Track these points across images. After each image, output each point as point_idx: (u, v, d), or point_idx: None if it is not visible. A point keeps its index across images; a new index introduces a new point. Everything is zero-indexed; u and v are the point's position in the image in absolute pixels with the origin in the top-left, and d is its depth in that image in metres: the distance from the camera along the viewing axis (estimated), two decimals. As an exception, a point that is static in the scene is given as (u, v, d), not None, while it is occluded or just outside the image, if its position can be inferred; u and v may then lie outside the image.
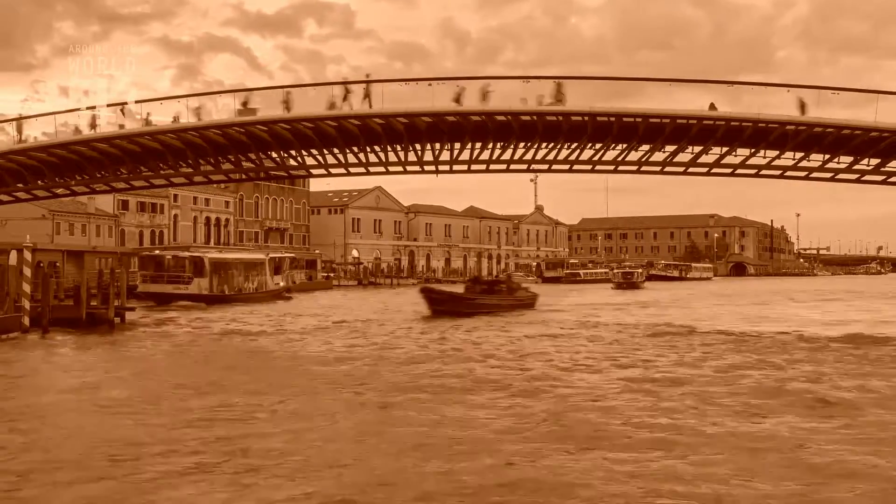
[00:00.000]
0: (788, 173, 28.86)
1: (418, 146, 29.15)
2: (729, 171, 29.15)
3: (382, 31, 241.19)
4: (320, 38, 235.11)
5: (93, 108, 28.00)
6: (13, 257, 25.95)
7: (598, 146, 28.49)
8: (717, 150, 28.15)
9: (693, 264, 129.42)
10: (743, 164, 28.47)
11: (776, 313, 40.35)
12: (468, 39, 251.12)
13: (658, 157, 28.62)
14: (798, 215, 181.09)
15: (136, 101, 27.98)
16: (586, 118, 26.80)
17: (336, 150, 29.48)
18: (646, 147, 28.32)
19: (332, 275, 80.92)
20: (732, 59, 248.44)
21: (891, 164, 28.03)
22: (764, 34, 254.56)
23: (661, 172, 30.04)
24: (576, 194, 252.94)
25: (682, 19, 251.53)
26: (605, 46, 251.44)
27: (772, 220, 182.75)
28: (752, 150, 27.76)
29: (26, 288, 25.73)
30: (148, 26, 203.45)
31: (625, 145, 28.35)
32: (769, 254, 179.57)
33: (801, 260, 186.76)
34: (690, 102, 26.69)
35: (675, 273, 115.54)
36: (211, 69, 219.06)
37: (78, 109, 28.46)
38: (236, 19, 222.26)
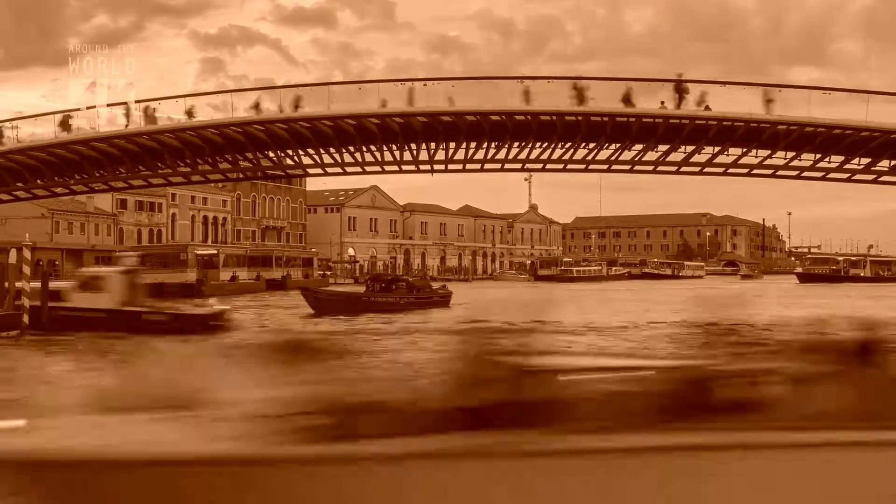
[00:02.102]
0: (780, 172, 29.21)
1: (414, 146, 29.42)
2: (721, 170, 29.49)
3: (423, 23, 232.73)
4: (355, 31, 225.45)
5: (92, 107, 28.21)
6: (13, 255, 26.16)
7: (591, 146, 28.82)
8: (709, 150, 28.48)
9: (685, 262, 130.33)
10: (735, 164, 28.80)
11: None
12: (512, 31, 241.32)
13: (651, 156, 28.96)
14: (790, 214, 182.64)
15: (136, 101, 28.16)
16: (580, 118, 27.10)
17: (332, 150, 29.76)
18: (639, 146, 28.66)
19: (328, 273, 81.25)
20: (786, 51, 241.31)
21: (881, 164, 28.38)
22: (824, 24, 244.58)
23: (654, 171, 30.37)
24: (570, 193, 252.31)
25: (740, 9, 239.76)
26: (655, 38, 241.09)
27: (763, 219, 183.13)
28: (744, 150, 28.10)
29: (26, 286, 25.93)
30: (188, 18, 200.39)
31: (618, 145, 28.68)
32: (761, 252, 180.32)
33: (793, 258, 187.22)
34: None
35: (668, 271, 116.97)
36: (243, 63, 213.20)
37: (78, 109, 28.64)
38: (272, 12, 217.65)
